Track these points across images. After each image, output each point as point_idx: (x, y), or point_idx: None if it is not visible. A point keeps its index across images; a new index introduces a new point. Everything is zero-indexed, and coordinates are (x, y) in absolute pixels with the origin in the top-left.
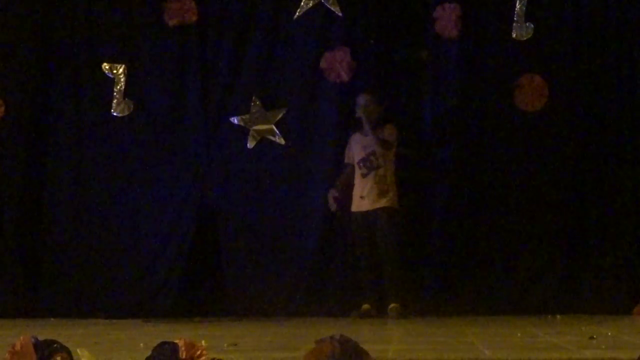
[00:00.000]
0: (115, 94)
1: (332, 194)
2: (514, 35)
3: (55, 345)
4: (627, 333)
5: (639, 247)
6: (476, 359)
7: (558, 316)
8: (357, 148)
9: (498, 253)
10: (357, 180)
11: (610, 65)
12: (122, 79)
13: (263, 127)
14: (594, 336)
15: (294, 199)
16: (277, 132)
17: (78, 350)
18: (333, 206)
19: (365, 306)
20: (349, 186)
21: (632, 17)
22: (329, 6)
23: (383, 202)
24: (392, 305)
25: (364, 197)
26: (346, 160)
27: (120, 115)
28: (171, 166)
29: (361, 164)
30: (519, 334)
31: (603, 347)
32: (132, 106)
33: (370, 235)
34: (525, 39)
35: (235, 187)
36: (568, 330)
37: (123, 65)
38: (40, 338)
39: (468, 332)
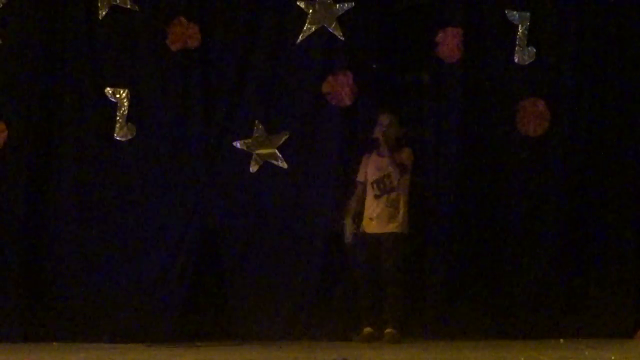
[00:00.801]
0: (118, 118)
1: (351, 228)
2: (516, 60)
3: None
4: (630, 357)
5: None
6: None
7: (561, 340)
8: (372, 168)
9: (501, 276)
10: (369, 201)
11: (612, 90)
12: (125, 104)
13: (266, 151)
14: None
15: (296, 223)
16: (280, 156)
17: None
18: (348, 239)
19: (367, 329)
20: (360, 210)
21: (634, 42)
22: (331, 30)
23: (392, 227)
24: (388, 330)
25: (373, 219)
26: (358, 178)
27: (123, 139)
28: (174, 190)
29: (374, 185)
30: (522, 358)
31: None
32: (134, 130)
33: (375, 257)
34: (527, 63)
35: (237, 211)
36: (571, 354)
37: (126, 90)
38: None
39: (471, 356)
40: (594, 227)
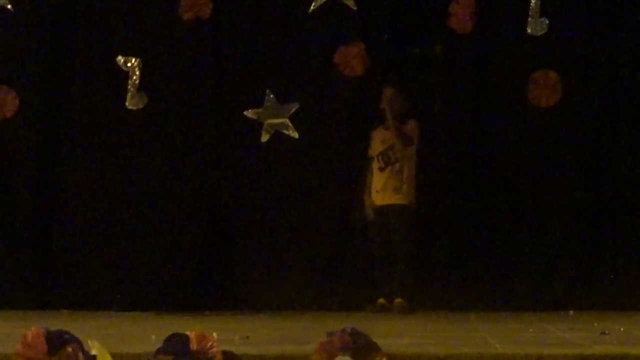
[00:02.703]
0: (129, 87)
1: (369, 204)
2: (528, 31)
3: (66, 337)
4: (639, 329)
5: None
6: (488, 354)
7: (571, 312)
8: (377, 141)
9: (511, 248)
10: (375, 174)
11: (624, 61)
12: (136, 72)
13: (276, 121)
14: (606, 331)
15: (307, 193)
16: (291, 125)
17: (89, 342)
18: (370, 216)
19: (381, 300)
20: None
21: None
22: (343, 0)
23: (396, 199)
24: (397, 300)
25: (379, 191)
26: (370, 154)
27: (134, 108)
28: (185, 159)
29: (379, 157)
30: (531, 330)
31: (615, 342)
32: (146, 99)
33: (385, 229)
34: (539, 34)
35: (248, 181)
36: (580, 326)
37: (137, 59)
38: (52, 329)
39: (480, 327)
40: (604, 199)
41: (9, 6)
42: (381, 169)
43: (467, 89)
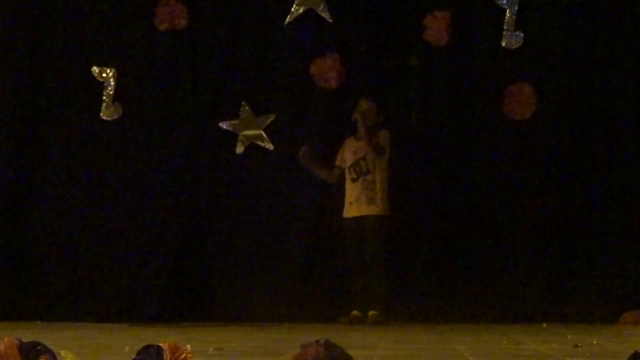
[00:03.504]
0: (104, 97)
1: (305, 149)
2: (503, 44)
3: (39, 348)
4: (612, 342)
5: (625, 257)
6: None
7: (544, 324)
8: (349, 153)
9: (485, 261)
10: (348, 186)
11: (600, 75)
12: (111, 83)
13: (252, 133)
14: (579, 344)
15: (282, 205)
16: (266, 137)
17: (62, 352)
18: (302, 154)
19: (354, 312)
20: (323, 170)
21: (622, 26)
22: (319, 12)
23: (371, 209)
24: (371, 312)
25: (353, 203)
26: (337, 163)
27: (109, 119)
28: (160, 171)
29: (351, 169)
30: (504, 342)
31: (588, 355)
32: (121, 110)
33: (360, 241)
34: (514, 47)
35: (223, 192)
36: (554, 338)
37: (113, 69)
38: (25, 340)
39: (454, 340)
40: (579, 211)
41: None
42: (353, 180)
43: (443, 101)
